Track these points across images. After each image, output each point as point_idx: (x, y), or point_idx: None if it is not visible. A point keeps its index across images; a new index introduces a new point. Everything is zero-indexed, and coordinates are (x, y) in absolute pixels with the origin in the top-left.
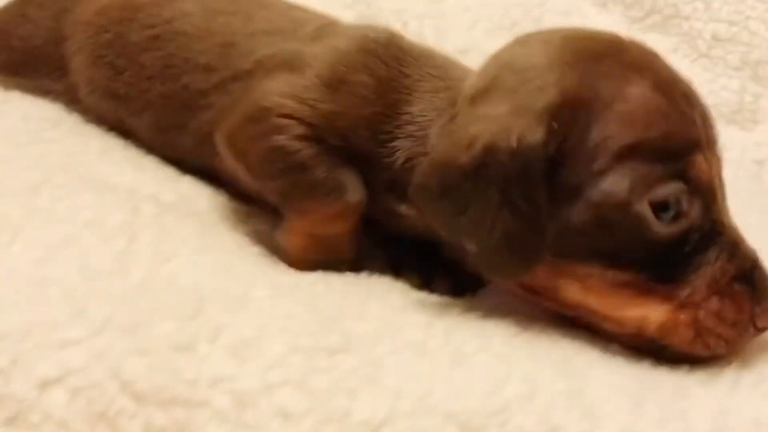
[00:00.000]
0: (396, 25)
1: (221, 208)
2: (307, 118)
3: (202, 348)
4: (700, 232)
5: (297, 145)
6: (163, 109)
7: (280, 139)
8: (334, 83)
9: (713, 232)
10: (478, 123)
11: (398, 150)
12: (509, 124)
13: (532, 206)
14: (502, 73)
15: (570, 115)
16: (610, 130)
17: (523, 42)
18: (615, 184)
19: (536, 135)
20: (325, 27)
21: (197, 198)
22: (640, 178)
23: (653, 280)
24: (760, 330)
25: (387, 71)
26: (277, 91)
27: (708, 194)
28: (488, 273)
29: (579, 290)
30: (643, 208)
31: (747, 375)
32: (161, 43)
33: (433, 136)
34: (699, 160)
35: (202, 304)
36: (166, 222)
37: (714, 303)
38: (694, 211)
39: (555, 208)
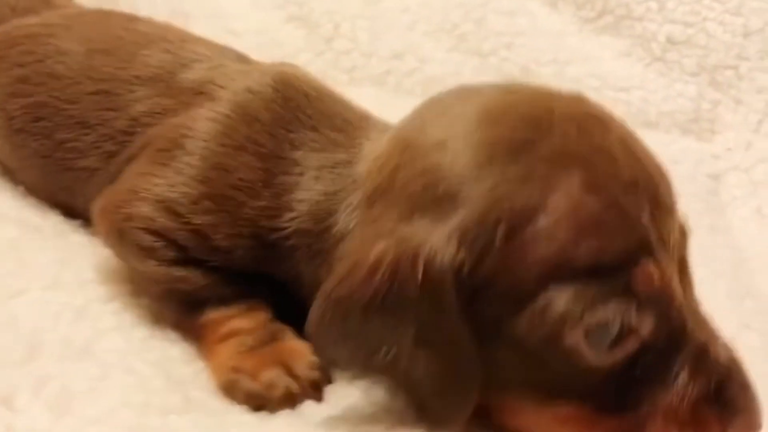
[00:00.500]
0: (327, 27)
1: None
2: (182, 239)
3: (20, 399)
4: (653, 350)
5: (176, 272)
6: (43, 170)
7: (155, 266)
8: (210, 172)
9: (673, 345)
10: (379, 239)
11: (296, 250)
12: (415, 244)
13: (452, 342)
14: (405, 168)
15: (485, 234)
16: (531, 250)
17: (432, 117)
18: (540, 315)
19: (446, 257)
20: (209, 77)
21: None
22: (570, 306)
23: (600, 410)
24: None
25: (271, 141)
26: (149, 196)
27: (663, 303)
28: (428, 423)
29: (523, 424)
30: (575, 339)
31: None
32: (30, 88)
33: (337, 231)
34: (646, 267)
35: (35, 350)
36: (25, 248)
37: None
38: (644, 327)
39: (480, 340)
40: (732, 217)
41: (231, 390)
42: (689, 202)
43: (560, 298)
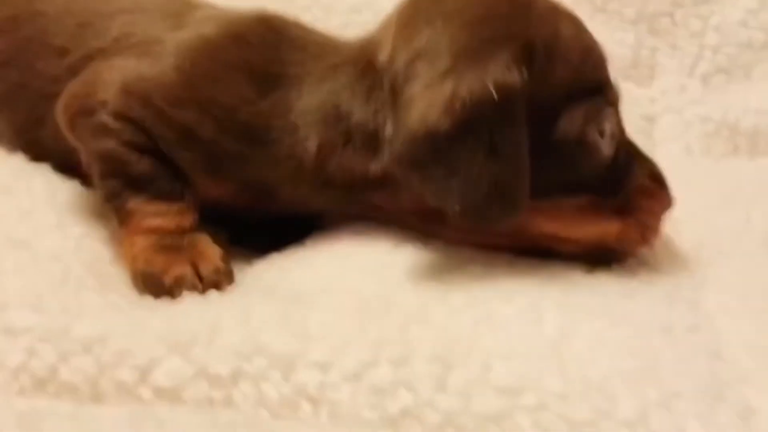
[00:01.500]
0: None
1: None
2: (149, 124)
3: None
4: (623, 143)
5: (127, 155)
6: (19, 101)
7: (110, 144)
8: (196, 79)
9: (627, 142)
10: (443, 83)
11: (305, 141)
12: (480, 75)
13: (517, 150)
14: (437, 30)
15: (530, 59)
16: (559, 70)
17: None
18: (571, 122)
19: (513, 78)
20: (196, 10)
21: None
22: (589, 112)
23: (603, 197)
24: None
25: (262, 60)
26: (120, 80)
27: (618, 108)
28: (481, 223)
29: (543, 221)
30: (595, 137)
31: None
32: (18, 25)
33: (357, 114)
34: (614, 83)
35: None
36: None
37: (647, 202)
38: (617, 130)
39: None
40: (664, 155)
41: (140, 280)
42: None
43: (580, 110)
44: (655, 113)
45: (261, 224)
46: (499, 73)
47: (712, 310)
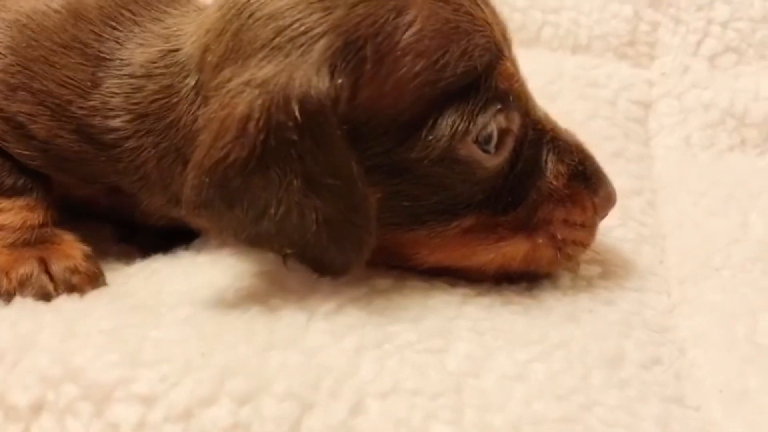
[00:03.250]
0: None
1: None
2: None
3: None
4: (525, 143)
5: None
6: None
7: None
8: (36, 74)
9: (536, 135)
10: (241, 95)
11: (142, 150)
12: (282, 83)
13: (344, 179)
14: (247, 25)
15: (354, 56)
16: (404, 68)
17: None
18: (432, 134)
19: (322, 87)
20: None
21: None
22: (456, 120)
23: (497, 214)
24: (601, 219)
25: (96, 38)
26: None
27: (521, 98)
28: (320, 274)
29: (427, 253)
30: (469, 150)
31: None
32: None
33: (185, 120)
34: (504, 67)
35: None
36: None
37: (561, 212)
38: (514, 125)
39: (371, 174)
40: (657, 147)
41: None
42: (601, 127)
43: (444, 119)
44: (652, 98)
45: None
46: (305, 81)
47: (682, 339)
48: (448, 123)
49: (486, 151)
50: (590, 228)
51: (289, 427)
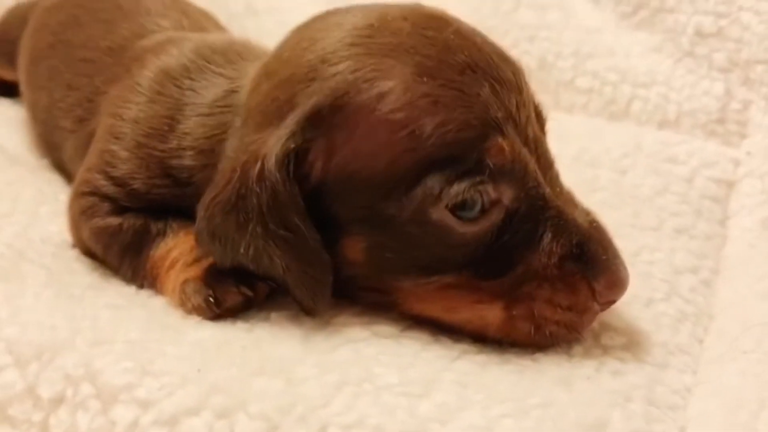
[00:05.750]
0: None
1: None
2: (110, 192)
3: None
4: (518, 216)
5: (108, 222)
6: (44, 124)
7: (95, 222)
8: (127, 133)
9: (535, 210)
10: (238, 151)
11: (204, 184)
12: (258, 146)
13: (297, 235)
14: (261, 87)
15: (324, 125)
16: (379, 137)
17: (284, 41)
18: (407, 195)
19: (278, 151)
20: (151, 46)
21: None
22: (433, 185)
23: (478, 278)
24: (605, 305)
25: (179, 93)
26: (87, 164)
27: (518, 172)
28: (308, 312)
29: (414, 302)
30: (441, 215)
31: None
32: (51, 53)
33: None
34: (495, 142)
35: None
36: None
37: (546, 291)
38: (505, 197)
39: (358, 224)
40: (734, 228)
41: (184, 301)
42: (669, 203)
43: (421, 183)
44: (737, 178)
45: None
46: (270, 145)
47: (687, 419)
48: (424, 187)
49: (461, 218)
50: (580, 311)
51: None
